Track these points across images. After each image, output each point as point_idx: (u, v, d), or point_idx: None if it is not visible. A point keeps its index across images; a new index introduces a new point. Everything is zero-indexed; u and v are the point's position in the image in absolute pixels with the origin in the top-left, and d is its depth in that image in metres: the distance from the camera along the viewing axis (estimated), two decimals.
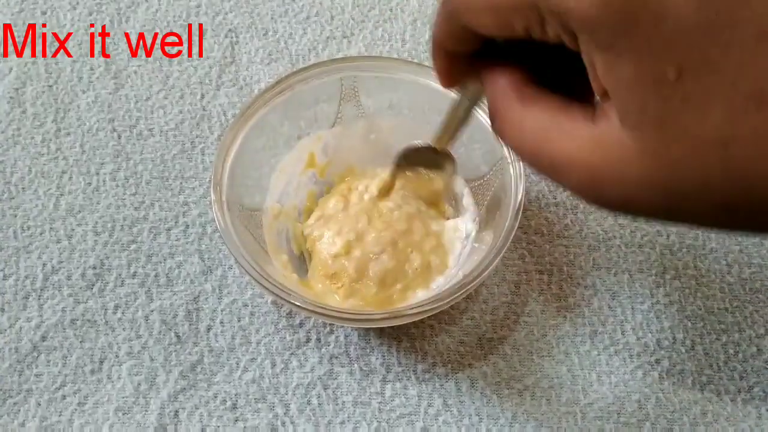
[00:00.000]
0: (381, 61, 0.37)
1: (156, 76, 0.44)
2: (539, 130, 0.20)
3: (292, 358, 0.35)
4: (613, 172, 0.18)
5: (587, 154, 0.19)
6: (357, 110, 0.38)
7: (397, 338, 0.35)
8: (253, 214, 0.35)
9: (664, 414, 0.34)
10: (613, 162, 0.18)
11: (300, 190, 0.38)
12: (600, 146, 0.18)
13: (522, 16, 0.19)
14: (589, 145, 0.19)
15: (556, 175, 0.20)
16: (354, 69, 0.36)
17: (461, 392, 0.34)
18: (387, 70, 0.36)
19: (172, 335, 0.35)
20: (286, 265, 0.35)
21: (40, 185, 0.39)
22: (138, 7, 0.46)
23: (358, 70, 0.36)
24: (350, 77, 0.36)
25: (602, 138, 0.18)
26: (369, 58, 0.37)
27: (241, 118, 0.34)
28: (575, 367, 0.35)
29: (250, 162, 0.35)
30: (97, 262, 0.37)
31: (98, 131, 0.41)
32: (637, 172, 0.18)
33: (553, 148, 0.19)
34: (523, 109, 0.20)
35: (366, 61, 0.37)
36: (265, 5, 0.47)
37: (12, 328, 0.35)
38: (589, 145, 0.19)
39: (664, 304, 0.36)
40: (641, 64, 0.17)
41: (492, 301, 0.36)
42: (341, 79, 0.36)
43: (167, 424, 0.33)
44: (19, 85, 0.43)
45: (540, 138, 0.20)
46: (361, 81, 0.37)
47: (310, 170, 0.38)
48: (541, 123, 0.20)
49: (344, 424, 0.33)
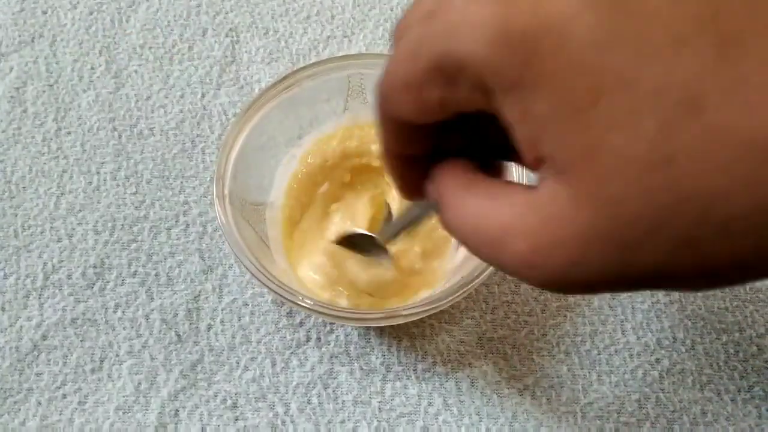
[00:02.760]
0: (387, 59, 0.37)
1: (156, 75, 0.44)
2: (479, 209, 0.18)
3: (293, 357, 0.35)
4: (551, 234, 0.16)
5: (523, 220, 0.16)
6: (364, 107, 0.38)
7: (397, 337, 0.35)
8: (256, 209, 0.35)
9: (664, 413, 0.34)
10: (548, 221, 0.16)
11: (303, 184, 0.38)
12: (535, 208, 0.16)
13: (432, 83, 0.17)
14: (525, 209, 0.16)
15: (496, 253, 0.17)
16: (361, 66, 0.36)
17: (461, 391, 0.34)
18: None
19: (172, 334, 0.35)
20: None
21: (41, 184, 0.39)
22: (138, 7, 0.46)
23: (365, 68, 0.36)
24: (357, 74, 0.37)
25: (537, 198, 0.16)
26: (376, 56, 0.37)
27: (246, 112, 0.34)
28: (575, 367, 0.35)
29: (254, 156, 0.35)
30: (98, 261, 0.37)
31: (99, 130, 0.41)
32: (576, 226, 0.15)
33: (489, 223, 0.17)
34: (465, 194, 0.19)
35: (373, 59, 0.37)
36: (265, 4, 0.47)
37: (13, 327, 0.35)
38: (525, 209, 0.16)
39: (664, 304, 0.36)
40: (553, 97, 0.15)
41: (492, 301, 0.36)
42: (348, 76, 0.37)
43: (167, 423, 0.33)
44: (19, 84, 0.43)
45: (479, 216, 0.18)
46: (368, 78, 0.37)
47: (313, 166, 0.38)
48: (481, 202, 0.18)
49: (344, 423, 0.33)
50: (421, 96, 0.18)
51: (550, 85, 0.15)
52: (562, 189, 0.15)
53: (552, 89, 0.15)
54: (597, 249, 0.15)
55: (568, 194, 0.15)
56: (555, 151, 0.15)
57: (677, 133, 0.14)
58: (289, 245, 0.36)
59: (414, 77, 0.18)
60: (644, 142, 0.14)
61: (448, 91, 0.17)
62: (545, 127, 0.15)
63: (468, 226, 0.18)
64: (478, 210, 0.18)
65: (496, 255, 0.17)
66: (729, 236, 0.14)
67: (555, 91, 0.15)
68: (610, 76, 0.14)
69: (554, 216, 0.16)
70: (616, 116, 0.14)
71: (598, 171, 0.15)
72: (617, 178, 0.14)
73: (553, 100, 0.15)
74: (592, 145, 0.15)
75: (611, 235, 0.15)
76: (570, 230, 0.15)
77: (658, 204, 0.14)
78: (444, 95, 0.17)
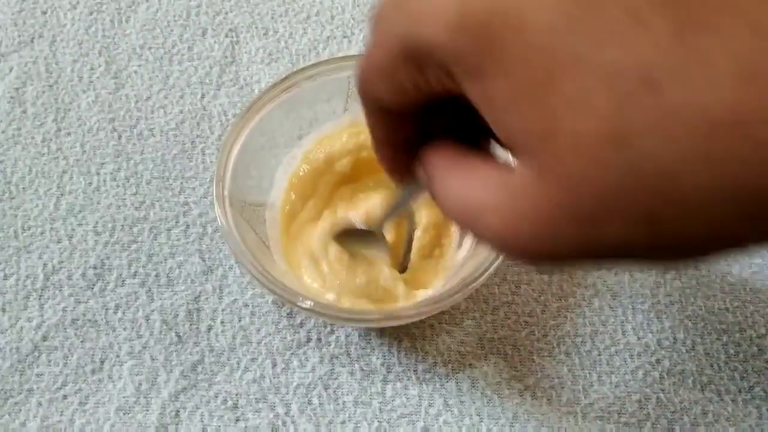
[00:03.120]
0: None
1: (156, 75, 0.44)
2: (460, 188, 0.19)
3: (293, 357, 0.35)
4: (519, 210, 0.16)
5: (496, 197, 0.17)
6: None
7: (397, 338, 0.35)
8: (256, 210, 0.35)
9: (665, 414, 0.34)
10: (516, 197, 0.16)
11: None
12: (505, 186, 0.17)
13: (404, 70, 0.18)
14: (499, 188, 0.17)
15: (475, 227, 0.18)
16: None
17: (462, 392, 0.34)
18: None
19: (172, 335, 0.35)
20: None
21: (41, 185, 0.39)
22: (138, 7, 0.46)
23: None
24: None
25: (508, 177, 0.17)
26: None
27: (246, 113, 0.34)
28: (576, 367, 0.35)
29: (254, 157, 0.35)
30: (98, 262, 0.37)
31: (99, 131, 0.41)
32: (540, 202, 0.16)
33: (470, 201, 0.18)
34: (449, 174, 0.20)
35: None
36: (265, 5, 0.47)
37: (13, 328, 0.35)
38: (499, 188, 0.17)
39: (664, 304, 0.36)
40: (510, 81, 0.15)
41: (493, 301, 0.36)
42: (348, 77, 0.37)
43: (168, 423, 0.33)
44: (19, 85, 0.43)
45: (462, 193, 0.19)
46: None
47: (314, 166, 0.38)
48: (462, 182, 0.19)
49: (345, 424, 0.33)
50: (394, 81, 0.19)
51: (507, 70, 0.15)
52: (527, 167, 0.16)
53: (509, 73, 0.15)
54: (560, 223, 0.16)
55: (531, 172, 0.16)
56: (517, 133, 0.16)
57: (632, 111, 0.14)
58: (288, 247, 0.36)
59: (386, 63, 0.19)
60: (598, 120, 0.14)
61: (419, 76, 0.18)
62: (506, 110, 0.16)
63: (452, 203, 0.19)
64: (459, 189, 0.19)
65: (475, 229, 0.18)
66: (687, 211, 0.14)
67: (512, 75, 0.15)
68: (565, 57, 0.15)
69: (521, 193, 0.16)
70: (571, 96, 0.15)
71: (557, 150, 0.15)
72: (574, 156, 0.15)
73: (511, 84, 0.15)
74: (549, 125, 0.15)
75: (573, 210, 0.15)
76: (535, 205, 0.16)
77: (616, 180, 0.14)
78: (416, 79, 0.18)
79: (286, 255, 0.36)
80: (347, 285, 0.34)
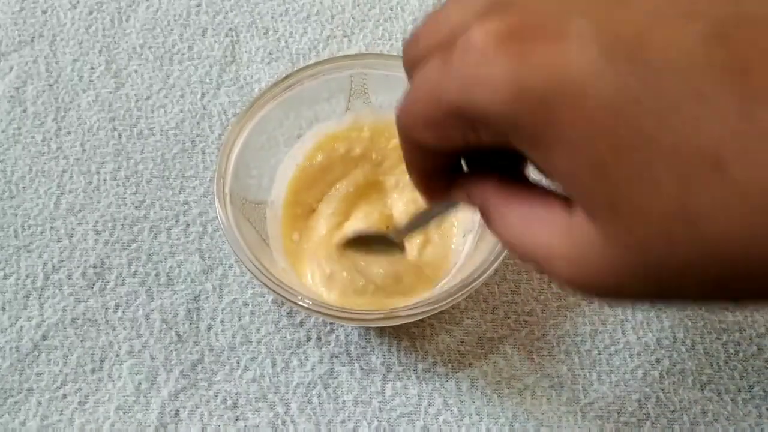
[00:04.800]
0: (390, 59, 0.37)
1: (156, 75, 0.44)
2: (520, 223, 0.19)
3: (293, 357, 0.35)
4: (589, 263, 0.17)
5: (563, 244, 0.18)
6: (366, 107, 0.38)
7: (397, 337, 0.35)
8: (257, 207, 0.35)
9: (665, 413, 0.34)
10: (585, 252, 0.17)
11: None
12: (572, 236, 0.17)
13: (454, 127, 0.18)
14: (564, 234, 0.18)
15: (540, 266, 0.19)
16: (363, 66, 0.36)
17: (462, 391, 0.34)
18: (395, 68, 0.36)
19: (172, 334, 0.35)
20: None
21: (41, 184, 0.39)
22: (138, 7, 0.46)
23: (368, 68, 0.36)
24: (360, 74, 0.37)
25: (573, 227, 0.17)
26: (379, 56, 0.37)
27: (248, 111, 0.34)
28: (576, 366, 0.35)
29: (255, 155, 0.35)
30: (98, 261, 0.37)
31: (99, 130, 0.41)
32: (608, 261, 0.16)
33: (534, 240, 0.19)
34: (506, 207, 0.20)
35: (375, 59, 0.37)
36: (265, 4, 0.47)
37: (13, 327, 0.35)
38: (564, 234, 0.18)
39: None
40: (574, 153, 0.15)
41: (492, 301, 0.36)
42: (351, 75, 0.37)
43: (168, 423, 0.33)
44: (19, 84, 0.43)
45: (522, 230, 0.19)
46: (371, 78, 0.37)
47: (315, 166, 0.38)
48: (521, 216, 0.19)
49: (345, 423, 0.33)
50: (443, 134, 0.19)
51: (570, 144, 0.15)
52: (593, 228, 0.16)
53: (571, 149, 0.15)
54: (628, 281, 0.16)
55: (599, 234, 0.16)
56: (580, 201, 0.16)
57: (698, 189, 0.14)
58: (289, 245, 0.36)
59: (434, 118, 0.18)
60: (665, 198, 0.14)
61: (471, 133, 0.18)
62: (568, 181, 0.16)
63: (517, 241, 0.19)
64: (522, 228, 0.19)
65: (542, 269, 0.19)
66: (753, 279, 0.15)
67: (574, 151, 0.15)
68: (628, 134, 0.15)
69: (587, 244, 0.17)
70: (636, 173, 0.15)
71: (623, 221, 0.15)
72: (641, 229, 0.15)
73: (573, 159, 0.16)
74: (615, 198, 0.15)
75: (640, 273, 0.16)
76: (600, 263, 0.17)
77: (684, 255, 0.15)
78: (467, 135, 0.18)
79: (287, 253, 0.36)
80: (351, 285, 0.34)
